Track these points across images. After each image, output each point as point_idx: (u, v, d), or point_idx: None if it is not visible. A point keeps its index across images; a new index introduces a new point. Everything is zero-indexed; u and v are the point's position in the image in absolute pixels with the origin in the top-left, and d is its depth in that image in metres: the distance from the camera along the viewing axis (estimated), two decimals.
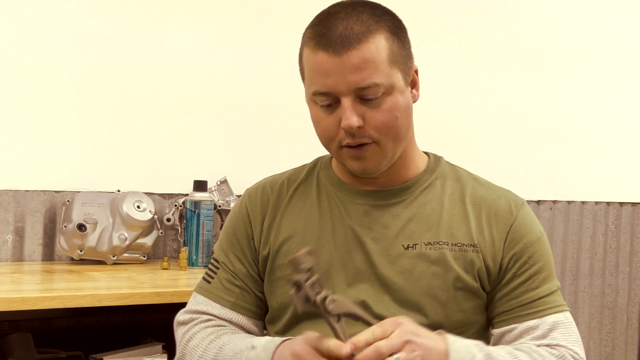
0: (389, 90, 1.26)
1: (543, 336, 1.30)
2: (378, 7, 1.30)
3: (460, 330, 1.32)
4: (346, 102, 1.25)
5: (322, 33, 1.26)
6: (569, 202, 2.99)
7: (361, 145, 1.27)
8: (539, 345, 1.29)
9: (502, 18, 2.85)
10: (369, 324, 1.16)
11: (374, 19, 1.26)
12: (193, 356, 1.32)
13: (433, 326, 1.30)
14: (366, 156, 1.28)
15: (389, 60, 1.26)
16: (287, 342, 1.20)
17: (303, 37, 1.31)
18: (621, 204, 3.11)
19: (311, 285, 1.11)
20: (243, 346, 1.26)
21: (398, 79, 1.28)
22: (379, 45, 1.25)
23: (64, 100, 2.15)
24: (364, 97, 1.25)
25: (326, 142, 1.31)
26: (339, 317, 1.13)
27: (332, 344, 1.12)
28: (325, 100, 1.27)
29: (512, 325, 1.32)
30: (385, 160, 1.30)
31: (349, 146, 1.28)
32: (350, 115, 1.24)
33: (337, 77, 1.24)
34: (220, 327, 1.35)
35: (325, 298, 1.12)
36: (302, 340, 1.16)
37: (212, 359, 1.29)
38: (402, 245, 1.32)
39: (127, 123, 2.23)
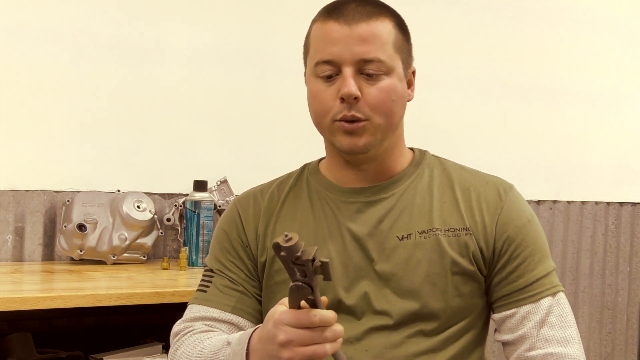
0: (389, 71, 1.30)
1: (542, 321, 1.32)
2: (388, 6, 1.36)
3: (461, 316, 1.35)
4: (348, 71, 1.29)
5: (334, 7, 1.33)
6: (569, 202, 2.99)
7: (354, 121, 1.29)
8: None
9: (504, 18, 2.85)
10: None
11: (385, 7, 1.34)
12: None
13: (434, 313, 1.32)
14: (358, 132, 1.30)
15: (394, 45, 1.32)
16: (264, 324, 1.16)
17: (314, 18, 1.36)
18: (621, 204, 3.11)
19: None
20: (220, 345, 1.26)
21: (399, 66, 1.32)
22: (387, 27, 1.32)
23: (64, 100, 2.15)
24: (365, 71, 1.29)
25: (320, 115, 1.32)
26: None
27: (328, 312, 1.10)
28: (327, 71, 1.30)
29: (513, 310, 1.34)
30: (375, 141, 1.31)
31: (343, 120, 1.29)
32: (350, 83, 1.28)
33: (344, 45, 1.29)
34: (206, 332, 1.34)
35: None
36: (281, 310, 1.13)
37: None
38: (397, 237, 1.34)
39: (127, 123, 2.23)
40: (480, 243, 1.34)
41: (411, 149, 1.44)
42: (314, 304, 1.10)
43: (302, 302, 1.10)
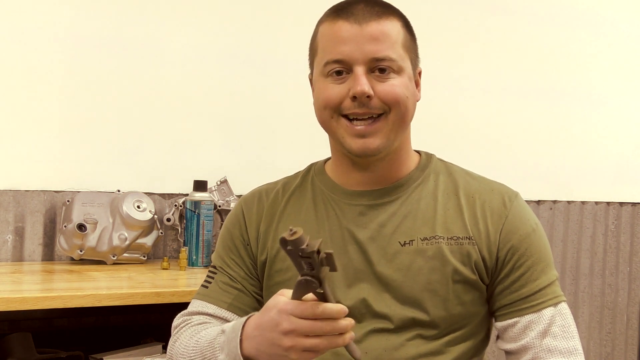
0: (400, 70, 1.30)
1: (545, 331, 1.31)
2: (395, 7, 1.36)
3: (462, 323, 1.34)
4: (359, 70, 1.28)
5: (343, 7, 1.32)
6: (569, 202, 2.99)
7: (371, 118, 1.28)
8: None
9: (503, 17, 2.85)
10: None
11: (392, 8, 1.34)
12: (177, 356, 1.33)
13: (434, 321, 1.31)
14: (370, 133, 1.29)
15: (403, 45, 1.32)
16: (264, 312, 1.17)
17: (320, 19, 1.35)
18: (621, 204, 3.11)
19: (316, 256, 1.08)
20: (215, 334, 1.27)
21: (408, 65, 1.33)
22: (396, 27, 1.32)
23: (64, 100, 2.15)
24: (376, 69, 1.29)
25: (328, 112, 1.31)
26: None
27: (333, 306, 1.10)
28: (337, 68, 1.30)
29: (515, 319, 1.33)
30: (387, 142, 1.31)
31: (356, 119, 1.29)
32: (363, 82, 1.27)
33: (355, 45, 1.28)
34: (204, 324, 1.35)
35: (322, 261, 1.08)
36: (285, 300, 1.13)
37: (190, 352, 1.30)
38: (399, 242, 1.33)
39: (127, 123, 2.23)
40: (483, 252, 1.33)
41: (417, 151, 1.43)
42: (323, 298, 1.10)
43: (307, 295, 1.11)
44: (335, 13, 1.32)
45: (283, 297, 1.14)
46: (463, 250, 1.33)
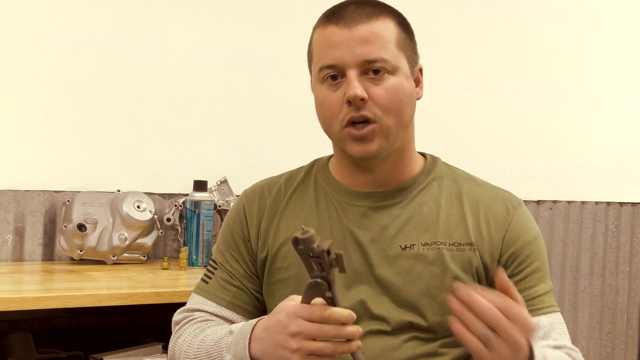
0: (394, 70, 1.29)
1: (546, 336, 1.31)
2: (388, 5, 1.35)
3: None
4: (352, 73, 1.27)
5: (334, 11, 1.32)
6: (569, 202, 2.99)
7: (364, 123, 1.27)
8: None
9: (503, 18, 2.85)
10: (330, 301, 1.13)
11: (385, 8, 1.33)
12: (180, 353, 1.34)
13: (431, 326, 1.31)
14: (368, 137, 1.28)
15: (397, 44, 1.30)
16: (273, 314, 1.18)
17: (314, 25, 1.35)
18: (621, 204, 3.11)
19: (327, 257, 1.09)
20: (222, 334, 1.27)
21: (404, 64, 1.31)
22: (388, 26, 1.30)
23: (64, 100, 2.15)
24: (369, 71, 1.28)
25: (329, 121, 1.31)
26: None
27: (341, 310, 1.11)
28: (331, 73, 1.29)
29: None
30: (387, 144, 1.30)
31: (353, 123, 1.28)
32: (355, 85, 1.26)
33: (346, 48, 1.27)
34: (207, 322, 1.36)
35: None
36: (294, 304, 1.15)
37: (195, 351, 1.30)
38: (400, 245, 1.33)
39: (127, 123, 2.23)
40: (484, 258, 1.33)
41: (422, 154, 1.42)
42: (332, 303, 1.11)
43: (315, 299, 1.12)
44: (326, 18, 1.32)
45: (292, 302, 1.15)
46: (464, 257, 1.32)
